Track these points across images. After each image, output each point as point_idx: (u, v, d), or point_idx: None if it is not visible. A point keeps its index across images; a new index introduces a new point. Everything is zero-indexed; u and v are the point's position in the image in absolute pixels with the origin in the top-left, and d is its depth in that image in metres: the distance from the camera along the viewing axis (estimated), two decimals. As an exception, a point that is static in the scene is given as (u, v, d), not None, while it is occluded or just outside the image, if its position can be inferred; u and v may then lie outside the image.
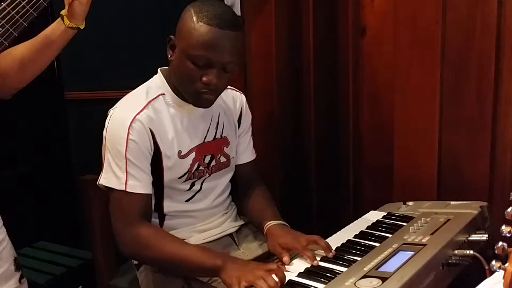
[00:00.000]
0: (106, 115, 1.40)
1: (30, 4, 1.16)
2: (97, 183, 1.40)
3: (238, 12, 1.98)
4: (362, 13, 1.87)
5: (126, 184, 1.34)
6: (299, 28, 2.04)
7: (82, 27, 1.33)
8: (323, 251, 1.31)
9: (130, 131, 1.33)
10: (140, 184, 1.35)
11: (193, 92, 1.36)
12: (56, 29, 1.31)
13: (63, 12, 1.29)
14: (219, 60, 1.31)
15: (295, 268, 1.25)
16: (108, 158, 1.37)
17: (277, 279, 1.18)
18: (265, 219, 1.49)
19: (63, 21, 1.29)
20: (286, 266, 1.27)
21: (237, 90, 1.61)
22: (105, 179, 1.38)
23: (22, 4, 1.14)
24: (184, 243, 1.38)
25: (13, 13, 1.13)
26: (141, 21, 1.95)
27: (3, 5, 1.13)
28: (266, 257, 1.52)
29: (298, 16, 2.03)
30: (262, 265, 1.26)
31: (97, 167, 1.57)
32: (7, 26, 1.13)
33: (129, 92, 1.45)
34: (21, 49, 1.32)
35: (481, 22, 1.58)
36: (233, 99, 1.59)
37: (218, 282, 1.34)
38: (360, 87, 1.93)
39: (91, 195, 1.61)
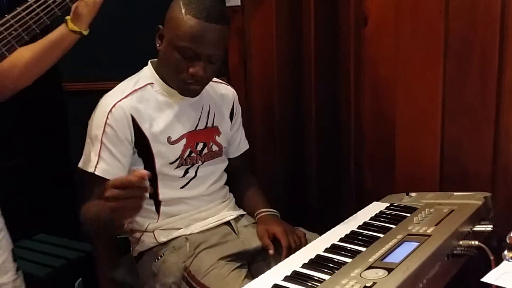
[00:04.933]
0: None
1: (44, 12, 1.23)
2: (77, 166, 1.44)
3: (238, 2, 1.97)
4: (364, 2, 1.85)
5: (96, 167, 1.38)
6: (300, 18, 2.02)
7: (85, 33, 1.38)
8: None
9: (109, 116, 1.38)
10: (109, 169, 1.38)
11: (179, 82, 1.41)
12: (59, 33, 1.37)
13: (67, 17, 1.36)
14: (205, 53, 1.35)
15: (298, 260, 1.23)
16: (87, 142, 1.42)
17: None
18: (257, 208, 1.60)
19: (67, 24, 1.36)
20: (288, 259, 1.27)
21: (227, 84, 1.65)
22: (81, 162, 1.43)
23: (36, 11, 1.21)
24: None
25: (27, 18, 1.19)
26: (141, 11, 1.93)
27: (18, 9, 1.20)
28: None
29: (299, 6, 2.01)
30: None
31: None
32: (20, 30, 1.19)
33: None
34: (23, 52, 1.36)
35: (484, 11, 1.56)
36: (225, 92, 1.63)
37: (214, 272, 1.37)
38: (361, 77, 1.91)
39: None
